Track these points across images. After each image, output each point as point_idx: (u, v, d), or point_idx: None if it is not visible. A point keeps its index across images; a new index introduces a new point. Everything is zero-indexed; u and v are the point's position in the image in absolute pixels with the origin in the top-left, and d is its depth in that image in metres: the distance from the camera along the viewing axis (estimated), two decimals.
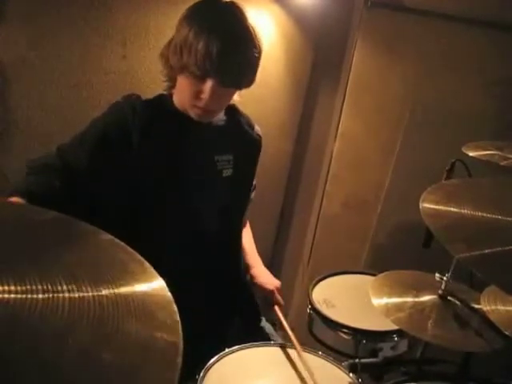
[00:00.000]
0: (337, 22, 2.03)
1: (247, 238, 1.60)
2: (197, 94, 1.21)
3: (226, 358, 1.17)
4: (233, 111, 1.40)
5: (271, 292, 1.45)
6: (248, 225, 1.65)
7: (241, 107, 1.46)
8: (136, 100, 1.27)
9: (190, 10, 1.22)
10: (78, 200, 1.17)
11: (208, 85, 1.18)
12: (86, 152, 1.20)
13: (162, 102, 1.31)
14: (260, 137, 1.48)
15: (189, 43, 1.15)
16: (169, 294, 0.54)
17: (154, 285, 0.55)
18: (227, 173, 1.37)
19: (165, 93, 1.34)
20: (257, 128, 1.49)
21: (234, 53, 1.17)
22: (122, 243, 0.60)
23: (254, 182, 1.56)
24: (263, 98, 2.01)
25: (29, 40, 1.48)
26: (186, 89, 1.23)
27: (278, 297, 1.45)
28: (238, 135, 1.42)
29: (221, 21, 1.18)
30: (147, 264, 0.57)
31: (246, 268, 1.53)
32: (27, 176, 1.20)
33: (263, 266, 1.55)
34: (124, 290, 0.53)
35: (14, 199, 1.08)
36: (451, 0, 1.86)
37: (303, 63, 2.10)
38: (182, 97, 1.28)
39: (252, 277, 1.50)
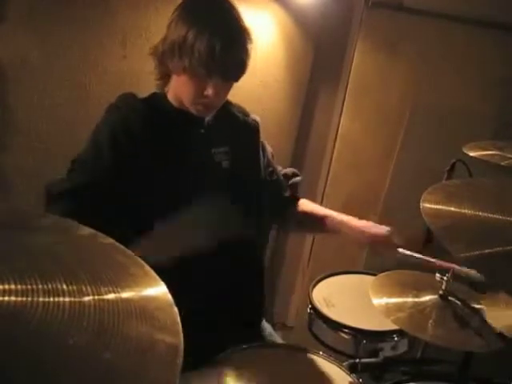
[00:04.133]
0: (337, 22, 2.02)
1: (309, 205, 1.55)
2: (201, 92, 1.21)
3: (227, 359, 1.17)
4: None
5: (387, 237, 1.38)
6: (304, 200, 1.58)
7: None
8: (133, 99, 1.27)
9: (183, 7, 1.22)
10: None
11: (212, 82, 1.19)
12: (105, 161, 1.20)
13: (157, 100, 1.31)
14: (257, 122, 1.45)
15: (189, 44, 1.15)
16: (169, 296, 0.54)
17: (155, 287, 0.55)
18: (226, 165, 1.36)
19: (158, 91, 1.34)
20: (253, 116, 1.45)
21: (235, 48, 1.19)
22: (122, 246, 0.60)
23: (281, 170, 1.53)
24: (263, 98, 2.01)
25: (29, 40, 1.48)
26: (188, 88, 1.23)
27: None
28: (231, 124, 1.40)
29: (219, 18, 1.19)
30: (147, 267, 0.57)
31: (327, 218, 1.46)
32: (54, 204, 1.18)
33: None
34: (125, 292, 0.53)
35: None
36: (451, 0, 1.86)
37: (303, 63, 2.09)
38: (182, 95, 1.27)
39: (346, 225, 1.44)
